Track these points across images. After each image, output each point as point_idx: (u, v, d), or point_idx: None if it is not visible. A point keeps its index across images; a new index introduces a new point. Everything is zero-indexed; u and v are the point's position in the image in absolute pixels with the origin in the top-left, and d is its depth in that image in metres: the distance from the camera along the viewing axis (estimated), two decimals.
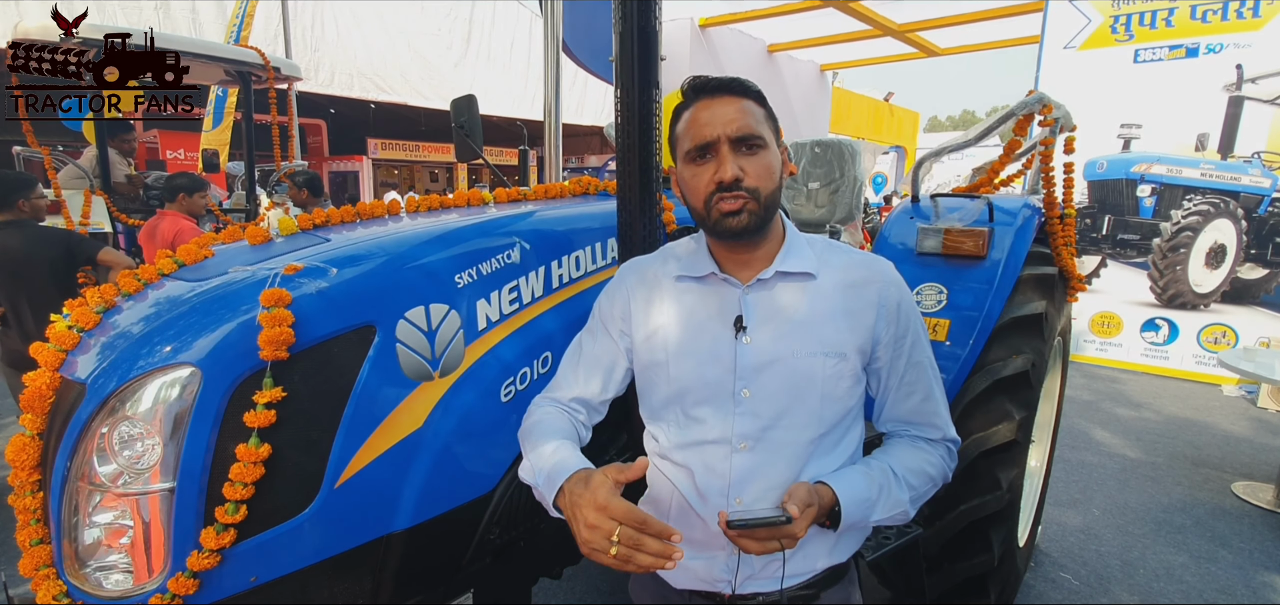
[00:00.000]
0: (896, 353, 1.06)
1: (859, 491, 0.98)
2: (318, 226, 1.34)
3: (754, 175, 0.98)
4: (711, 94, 1.01)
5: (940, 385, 1.11)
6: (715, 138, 0.98)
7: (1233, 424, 4.61)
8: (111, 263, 3.02)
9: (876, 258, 1.09)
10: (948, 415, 1.11)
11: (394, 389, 1.09)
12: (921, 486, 1.05)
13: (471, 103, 2.08)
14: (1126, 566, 2.81)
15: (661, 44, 1.27)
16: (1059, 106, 2.20)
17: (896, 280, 1.07)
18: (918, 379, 1.07)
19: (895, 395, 1.08)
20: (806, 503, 0.93)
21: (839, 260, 1.07)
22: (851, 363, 1.03)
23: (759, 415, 1.01)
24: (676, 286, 1.08)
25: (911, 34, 7.48)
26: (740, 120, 0.98)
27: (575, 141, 16.41)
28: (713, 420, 1.02)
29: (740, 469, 1.01)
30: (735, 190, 0.98)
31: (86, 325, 1.02)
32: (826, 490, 0.97)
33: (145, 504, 0.94)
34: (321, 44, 9.06)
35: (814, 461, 1.02)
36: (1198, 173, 5.55)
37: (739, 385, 1.01)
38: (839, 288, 1.04)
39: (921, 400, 1.08)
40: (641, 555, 0.82)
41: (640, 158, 1.26)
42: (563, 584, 2.57)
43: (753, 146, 0.99)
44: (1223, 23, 5.31)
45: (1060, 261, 2.31)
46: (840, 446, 1.05)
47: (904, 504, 1.02)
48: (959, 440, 1.13)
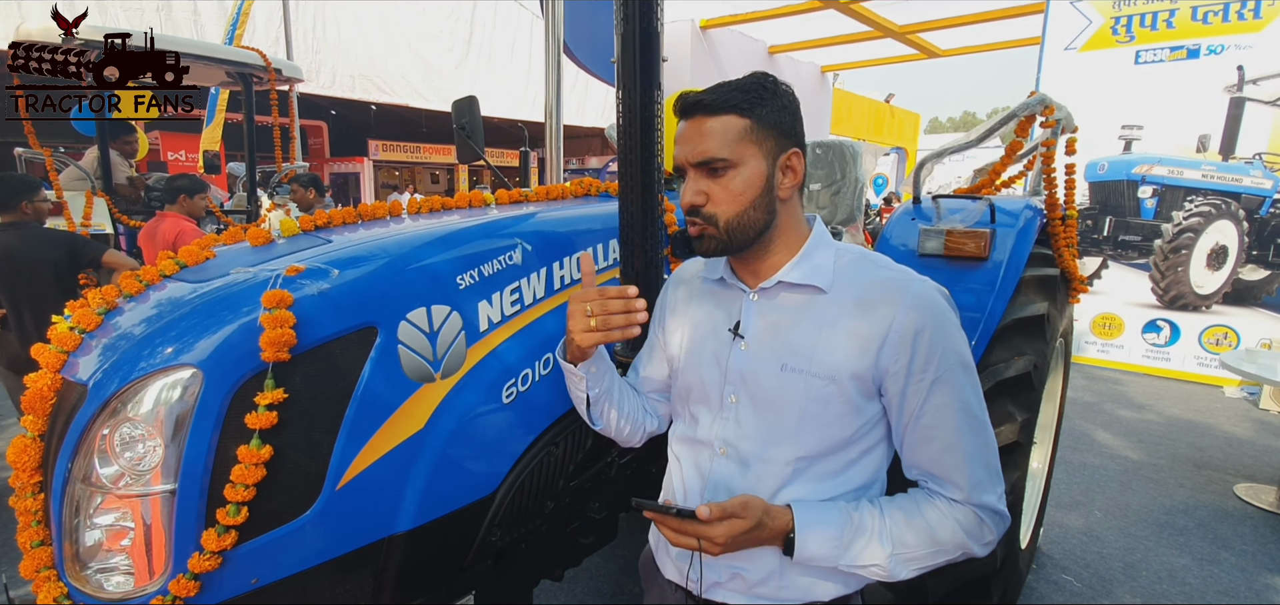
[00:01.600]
0: (909, 387, 0.92)
1: (822, 528, 0.92)
2: (319, 228, 1.34)
3: (716, 200, 0.96)
4: (686, 114, 0.99)
5: (980, 439, 0.93)
6: (683, 162, 0.99)
7: (1235, 426, 4.60)
8: (115, 265, 3.02)
9: (911, 279, 0.96)
10: (985, 477, 0.93)
11: (395, 390, 1.09)
12: (920, 548, 0.92)
13: (473, 104, 2.08)
14: (1128, 568, 2.80)
15: (663, 45, 1.27)
16: (1061, 108, 2.20)
17: (925, 306, 0.92)
18: (938, 424, 0.92)
19: (912, 438, 0.95)
20: (731, 512, 0.88)
21: (863, 278, 0.97)
22: (844, 389, 0.94)
23: (741, 423, 1.00)
24: (702, 288, 1.11)
25: (912, 35, 7.48)
26: (701, 144, 0.96)
27: (576, 143, 16.41)
28: (705, 421, 1.05)
29: (718, 474, 1.02)
30: (695, 216, 0.98)
31: (88, 326, 1.02)
32: (784, 514, 0.93)
33: (146, 506, 0.94)
34: (323, 46, 9.07)
35: (795, 485, 0.97)
36: (1199, 174, 5.54)
37: (728, 390, 1.02)
38: (850, 306, 0.95)
39: (941, 449, 0.93)
40: (614, 318, 0.99)
41: (642, 159, 1.26)
42: (564, 586, 2.56)
43: (716, 170, 0.96)
44: (1224, 24, 5.31)
45: (1062, 263, 2.31)
46: (837, 478, 0.98)
47: (882, 559, 0.91)
48: (1001, 512, 0.94)
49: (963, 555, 0.94)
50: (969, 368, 0.95)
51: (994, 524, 0.94)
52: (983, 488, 0.93)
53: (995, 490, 0.94)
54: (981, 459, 0.94)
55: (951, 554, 0.94)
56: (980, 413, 0.95)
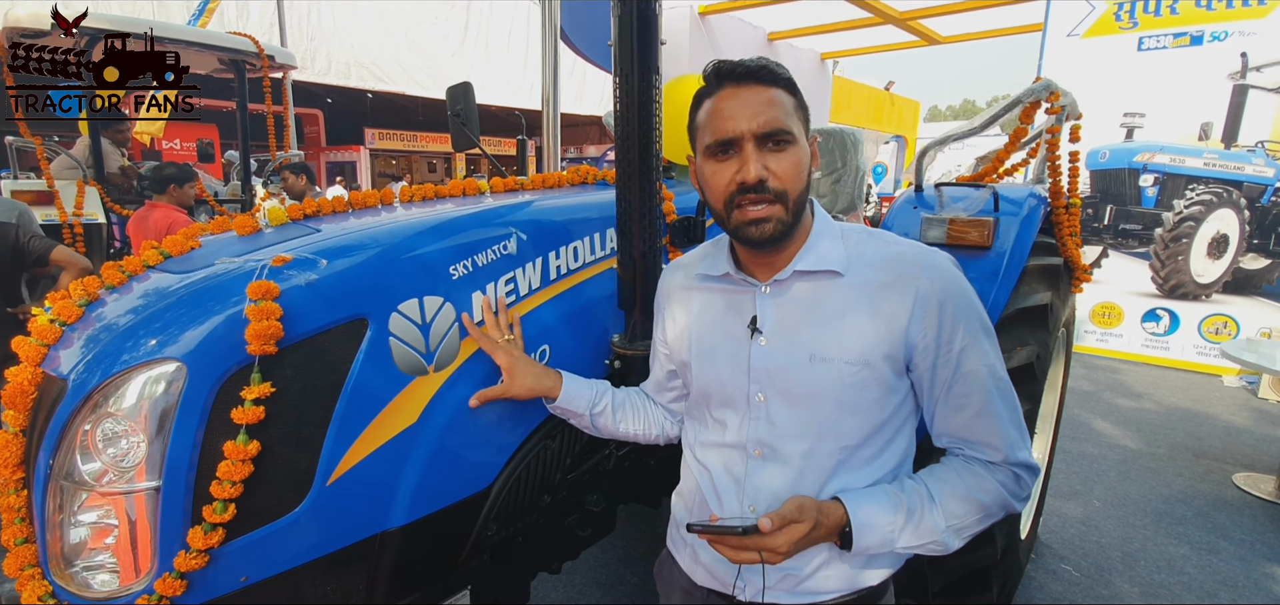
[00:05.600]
0: (939, 358, 0.92)
1: (877, 515, 0.91)
2: (308, 217, 1.31)
3: (781, 175, 0.89)
4: (737, 81, 0.90)
5: (1008, 400, 0.95)
6: (739, 133, 0.89)
7: (1234, 415, 4.60)
8: (64, 262, 2.84)
9: (923, 251, 0.96)
10: (1017, 436, 0.94)
11: (387, 384, 1.06)
12: (969, 516, 0.93)
13: (468, 91, 2.05)
14: (1127, 558, 2.80)
15: (661, 30, 1.24)
16: (1066, 94, 2.17)
17: (943, 276, 0.92)
18: (970, 390, 0.92)
19: (944, 408, 0.95)
20: (789, 518, 0.86)
21: (876, 255, 0.95)
22: (878, 371, 0.92)
23: (773, 422, 0.97)
24: (701, 286, 1.06)
25: (913, 22, 7.41)
26: (767, 113, 0.88)
27: (574, 131, 16.34)
28: (732, 424, 1.01)
29: (756, 476, 0.98)
30: (760, 193, 0.88)
31: (68, 319, 0.99)
32: (836, 508, 0.91)
33: (131, 503, 0.92)
34: (318, 33, 8.98)
35: (840, 476, 0.95)
36: (1201, 162, 5.51)
37: (753, 389, 0.97)
38: (870, 288, 0.93)
39: (974, 415, 0.93)
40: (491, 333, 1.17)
41: (640, 146, 1.23)
42: (562, 579, 2.55)
43: (780, 142, 0.89)
44: (1227, 10, 5.26)
45: (1065, 252, 2.29)
46: (876, 462, 0.97)
47: (939, 533, 0.92)
48: (1034, 465, 0.96)
49: (1005, 513, 0.96)
50: (990, 330, 0.96)
51: (1030, 477, 0.96)
52: (1016, 446, 0.94)
53: (1026, 445, 0.96)
54: (1012, 419, 0.95)
55: (997, 515, 0.95)
56: (1004, 373, 0.95)
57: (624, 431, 1.20)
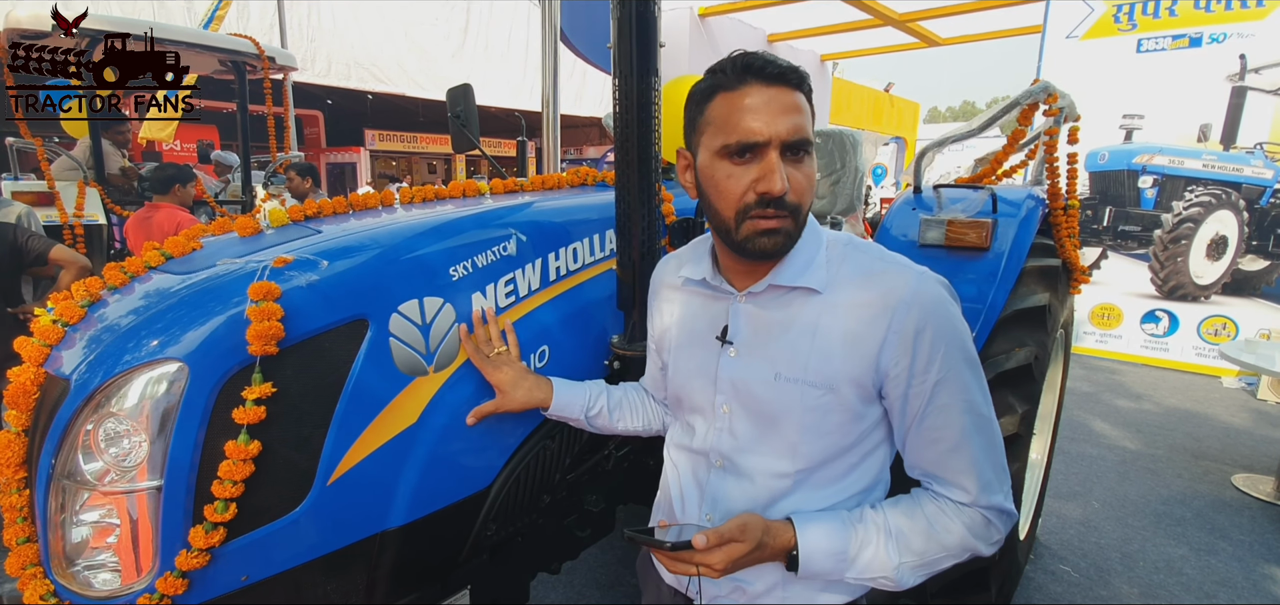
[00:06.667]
0: (912, 389, 0.86)
1: (826, 540, 0.86)
2: (309, 218, 1.31)
3: (799, 189, 0.84)
4: (767, 80, 0.82)
5: (987, 438, 0.88)
6: (767, 138, 0.82)
7: (1233, 416, 4.60)
8: (64, 262, 2.85)
9: (908, 273, 0.88)
10: (993, 477, 0.88)
11: (387, 384, 1.07)
12: (929, 553, 0.88)
13: (467, 92, 2.05)
14: (1126, 559, 2.80)
15: (660, 32, 1.24)
16: (1064, 95, 2.17)
17: (923, 301, 0.85)
18: (944, 425, 0.86)
19: (915, 440, 0.90)
20: (728, 536, 0.82)
21: (857, 273, 0.89)
22: (843, 396, 0.88)
23: (735, 435, 0.96)
24: (685, 289, 1.05)
25: (912, 23, 7.42)
26: (796, 119, 0.82)
27: (574, 133, 16.34)
28: (700, 430, 1.01)
29: (715, 486, 0.98)
30: (779, 207, 0.83)
31: (71, 319, 1.00)
32: (786, 529, 0.87)
33: (132, 502, 0.92)
34: (318, 34, 8.97)
35: (794, 496, 0.92)
36: (1200, 164, 5.52)
37: (719, 400, 0.97)
38: (844, 309, 0.88)
39: (947, 451, 0.87)
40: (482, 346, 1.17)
41: (639, 147, 1.23)
42: (561, 579, 2.56)
43: (801, 154, 0.84)
44: (1226, 12, 5.27)
45: (1064, 253, 2.29)
46: (837, 485, 0.93)
47: (890, 569, 0.87)
48: (1009, 510, 0.89)
49: (970, 556, 0.90)
50: (973, 363, 0.89)
51: (1002, 523, 0.90)
52: (991, 489, 0.88)
53: (1003, 489, 0.89)
54: (989, 459, 0.88)
55: (959, 557, 0.89)
56: (986, 409, 0.89)
57: (622, 428, 1.21)
